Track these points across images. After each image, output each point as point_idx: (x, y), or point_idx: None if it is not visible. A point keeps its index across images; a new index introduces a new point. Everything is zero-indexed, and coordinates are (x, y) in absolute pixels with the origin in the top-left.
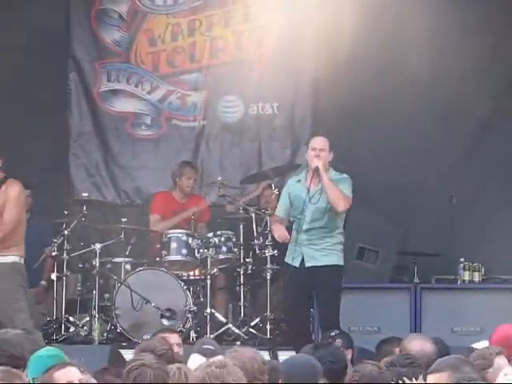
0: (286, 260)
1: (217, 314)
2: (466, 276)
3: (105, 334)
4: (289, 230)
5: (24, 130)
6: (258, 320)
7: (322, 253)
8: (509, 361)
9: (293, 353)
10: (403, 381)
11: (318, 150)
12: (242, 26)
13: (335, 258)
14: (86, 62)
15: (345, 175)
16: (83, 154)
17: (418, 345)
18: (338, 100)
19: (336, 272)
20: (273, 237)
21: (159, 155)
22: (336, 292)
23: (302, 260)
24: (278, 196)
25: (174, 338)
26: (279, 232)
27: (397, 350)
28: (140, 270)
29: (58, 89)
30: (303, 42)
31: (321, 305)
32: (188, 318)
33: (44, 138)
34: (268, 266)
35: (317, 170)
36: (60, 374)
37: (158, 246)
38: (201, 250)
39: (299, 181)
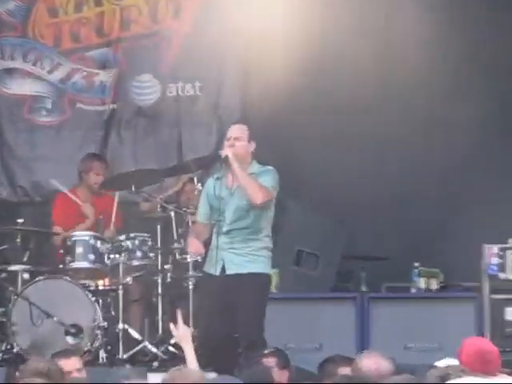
0: (204, 269)
1: (130, 331)
2: (422, 283)
3: None
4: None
5: None
6: None
7: (246, 258)
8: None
9: (213, 374)
10: None
11: (233, 138)
12: None
13: (261, 266)
14: None
15: (269, 167)
16: None
17: (373, 363)
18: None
19: (261, 281)
20: None
21: (61, 144)
22: (259, 304)
23: (223, 267)
24: None
25: (71, 365)
26: (194, 247)
27: (340, 370)
28: (40, 280)
29: None
30: (230, 10)
31: (242, 319)
32: (97, 334)
33: None
34: (190, 273)
35: (226, 159)
36: None
37: (62, 250)
38: (111, 256)
39: (218, 178)
